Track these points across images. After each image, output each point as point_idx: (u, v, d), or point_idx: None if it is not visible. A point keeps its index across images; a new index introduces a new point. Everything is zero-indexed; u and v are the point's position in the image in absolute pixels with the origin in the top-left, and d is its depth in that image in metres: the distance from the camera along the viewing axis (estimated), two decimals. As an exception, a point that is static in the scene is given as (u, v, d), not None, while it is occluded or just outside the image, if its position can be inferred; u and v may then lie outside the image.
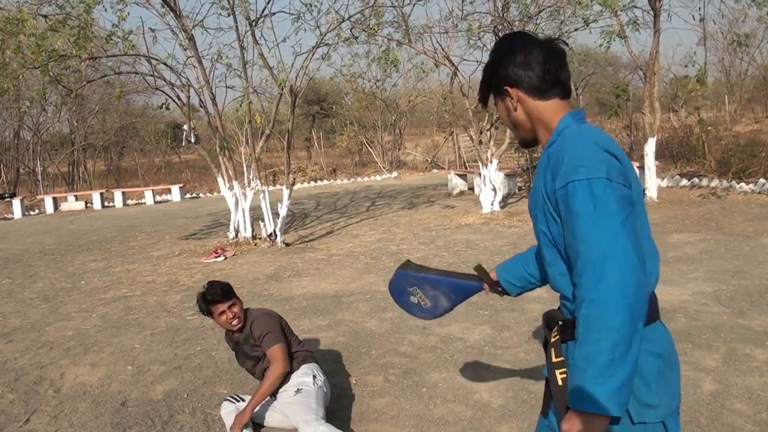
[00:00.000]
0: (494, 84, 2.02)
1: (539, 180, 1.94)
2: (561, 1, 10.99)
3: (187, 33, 10.13)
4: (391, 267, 8.51)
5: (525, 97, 1.97)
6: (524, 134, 2.05)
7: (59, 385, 5.13)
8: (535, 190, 1.96)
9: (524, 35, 2.04)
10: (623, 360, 1.63)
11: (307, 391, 3.85)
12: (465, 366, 4.89)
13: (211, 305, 3.96)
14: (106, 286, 8.74)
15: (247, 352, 4.06)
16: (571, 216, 1.75)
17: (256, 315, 4.11)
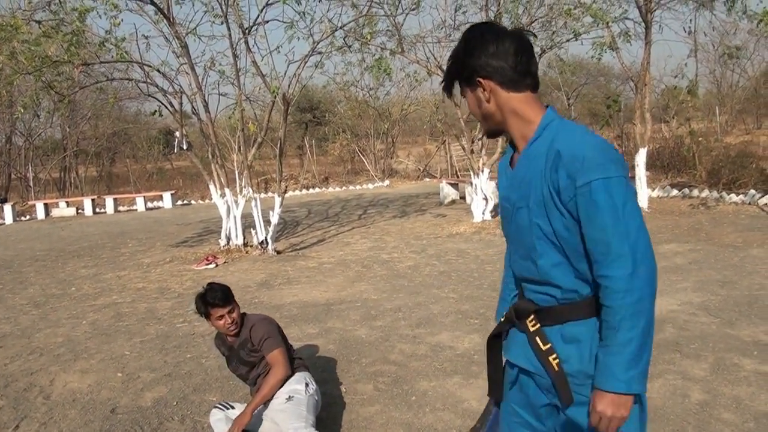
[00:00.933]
0: (464, 75, 2.00)
1: (533, 173, 1.93)
2: (552, 12, 11.05)
3: (180, 40, 10.15)
4: (382, 275, 8.54)
5: (498, 88, 1.96)
6: (492, 125, 2.05)
7: (49, 392, 5.12)
8: (527, 183, 1.95)
9: (493, 25, 2.04)
10: (648, 344, 1.83)
11: (299, 399, 3.86)
12: (454, 374, 4.91)
13: (210, 308, 3.96)
14: (97, 292, 8.72)
15: (243, 358, 4.07)
16: (598, 212, 1.81)
17: (255, 320, 4.13)
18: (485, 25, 2.05)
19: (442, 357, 5.30)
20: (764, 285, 6.86)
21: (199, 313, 4.07)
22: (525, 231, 1.98)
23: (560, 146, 1.87)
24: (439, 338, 5.78)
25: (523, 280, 2.07)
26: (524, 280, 2.06)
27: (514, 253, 2.09)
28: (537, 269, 1.99)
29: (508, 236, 2.12)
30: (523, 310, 2.05)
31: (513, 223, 2.03)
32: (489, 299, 6.97)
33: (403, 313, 6.66)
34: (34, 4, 9.42)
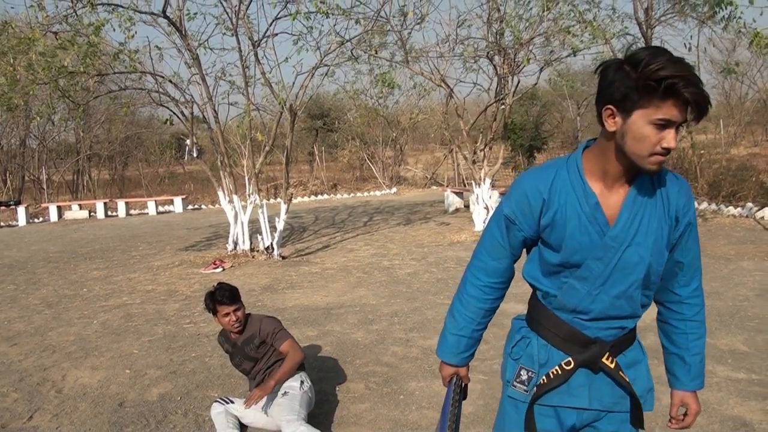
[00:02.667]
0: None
1: (648, 210, 2.00)
2: (551, 29, 11.35)
3: (192, 52, 10.51)
4: (382, 281, 8.85)
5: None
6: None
7: (61, 386, 5.45)
8: (650, 219, 1.99)
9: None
10: None
11: (293, 394, 4.18)
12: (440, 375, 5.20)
13: (218, 305, 4.29)
14: (107, 294, 9.06)
15: (248, 353, 4.38)
16: (694, 237, 2.11)
17: (261, 317, 4.51)
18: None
19: (431, 359, 5.60)
20: (748, 296, 7.11)
21: (207, 309, 4.39)
22: (633, 269, 2.00)
23: (670, 187, 2.00)
24: (430, 342, 6.08)
25: (596, 318, 2.07)
26: (596, 319, 2.07)
27: (599, 293, 2.02)
28: (633, 306, 2.06)
29: (589, 275, 2.03)
30: (599, 350, 2.08)
31: (612, 260, 1.99)
32: (482, 306, 7.27)
33: (399, 318, 6.97)
34: (51, 17, 9.78)
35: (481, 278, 2.22)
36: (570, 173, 1.99)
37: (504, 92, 12.30)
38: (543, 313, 2.14)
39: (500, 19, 11.49)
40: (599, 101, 1.89)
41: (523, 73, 12.17)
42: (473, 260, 2.24)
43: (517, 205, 2.06)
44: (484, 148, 12.74)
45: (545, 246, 2.08)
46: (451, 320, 2.32)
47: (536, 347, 2.16)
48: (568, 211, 1.98)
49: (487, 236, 2.19)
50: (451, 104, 12.98)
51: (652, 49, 1.78)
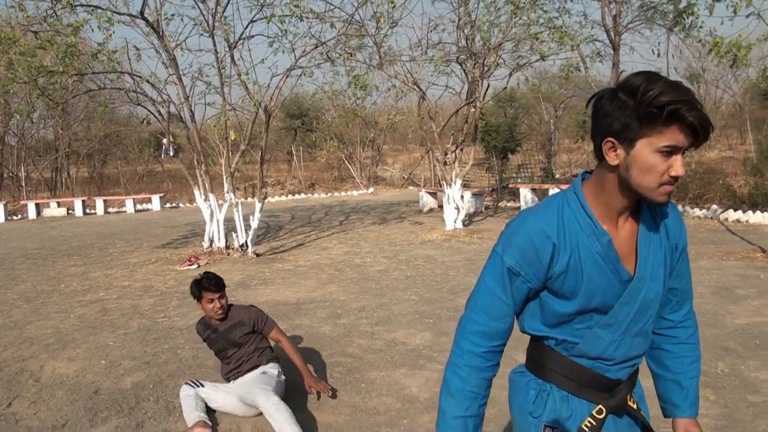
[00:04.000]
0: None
1: (669, 234, 1.96)
2: (518, 35, 11.68)
3: (169, 53, 10.73)
4: (353, 278, 9.14)
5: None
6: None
7: (39, 376, 5.68)
8: (657, 251, 1.92)
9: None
10: None
11: (270, 375, 4.55)
12: (402, 366, 5.51)
13: (204, 291, 4.62)
14: (85, 289, 9.27)
15: (232, 338, 4.71)
16: (687, 261, 2.06)
17: (245, 307, 4.94)
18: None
19: (394, 351, 5.90)
20: (703, 294, 7.46)
21: (193, 295, 4.72)
22: (650, 304, 1.92)
23: (665, 213, 1.95)
24: (394, 335, 6.38)
25: (618, 363, 1.94)
26: (618, 363, 1.94)
27: (623, 338, 1.91)
28: (647, 341, 2.00)
29: (615, 321, 1.90)
30: (626, 391, 1.98)
31: (636, 302, 1.88)
32: (446, 301, 7.59)
33: (366, 313, 7.27)
34: (32, 17, 9.97)
35: (481, 344, 1.93)
36: (575, 211, 1.84)
37: (474, 96, 12.63)
38: (558, 360, 1.95)
39: (471, 24, 11.80)
40: (597, 134, 1.78)
41: (494, 77, 12.48)
42: (467, 324, 1.95)
43: (521, 253, 1.83)
44: (456, 149, 13.06)
45: (553, 296, 1.89)
46: (450, 401, 1.96)
47: (557, 400, 1.95)
48: (582, 253, 1.82)
49: (483, 294, 1.92)
50: (424, 106, 13.26)
51: (646, 75, 1.69)
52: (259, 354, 4.76)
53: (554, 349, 1.95)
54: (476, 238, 11.99)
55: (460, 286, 8.38)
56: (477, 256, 10.37)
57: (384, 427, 4.40)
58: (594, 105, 1.79)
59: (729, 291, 7.66)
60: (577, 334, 1.90)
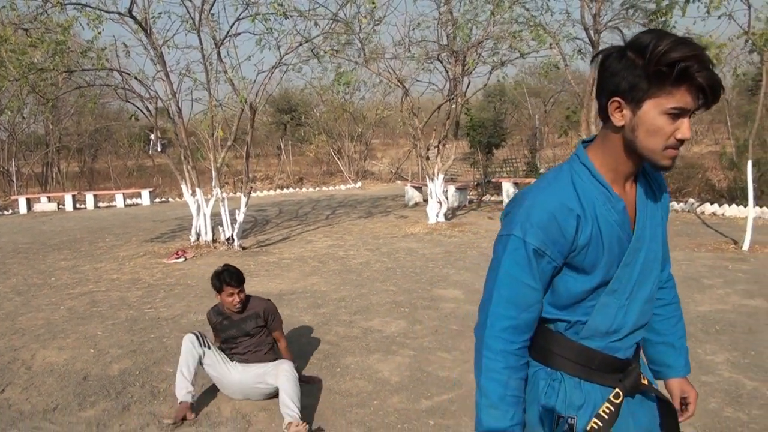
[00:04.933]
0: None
1: (661, 196, 1.95)
2: (496, 33, 11.97)
3: (157, 50, 10.98)
4: (335, 270, 9.42)
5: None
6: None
7: (30, 364, 5.95)
8: (654, 213, 1.90)
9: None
10: None
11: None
12: (376, 352, 5.80)
13: (225, 285, 4.81)
14: (74, 282, 9.52)
15: (245, 328, 4.90)
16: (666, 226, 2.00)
17: (263, 300, 5.16)
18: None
19: (369, 338, 6.20)
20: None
21: (213, 287, 4.90)
22: (652, 266, 1.89)
23: (655, 176, 1.94)
24: (371, 323, 6.68)
25: (628, 334, 1.89)
26: (628, 334, 1.89)
27: (629, 303, 1.86)
28: (652, 309, 1.97)
29: (619, 286, 1.84)
30: (637, 370, 1.95)
31: (637, 263, 1.84)
32: (423, 291, 7.91)
33: (346, 303, 7.56)
34: (22, 15, 10.21)
35: (514, 340, 1.80)
36: (586, 181, 1.78)
37: (456, 92, 12.93)
38: (567, 345, 1.86)
39: (453, 22, 12.08)
40: (602, 94, 1.74)
41: (476, 74, 12.77)
42: (495, 322, 1.80)
43: (544, 231, 1.73)
44: (438, 144, 13.35)
45: (573, 272, 1.81)
46: (492, 413, 1.81)
47: (570, 388, 1.85)
48: (601, 223, 1.75)
49: (507, 284, 1.79)
50: (407, 102, 13.55)
51: (655, 32, 1.63)
52: (266, 350, 4.93)
53: (563, 334, 1.86)
54: (457, 232, 12.29)
55: (437, 277, 8.68)
56: (456, 249, 10.67)
57: (355, 407, 4.69)
58: (601, 63, 1.74)
59: (696, 281, 7.99)
60: (588, 312, 1.83)
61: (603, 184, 1.77)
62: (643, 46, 1.61)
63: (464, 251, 10.44)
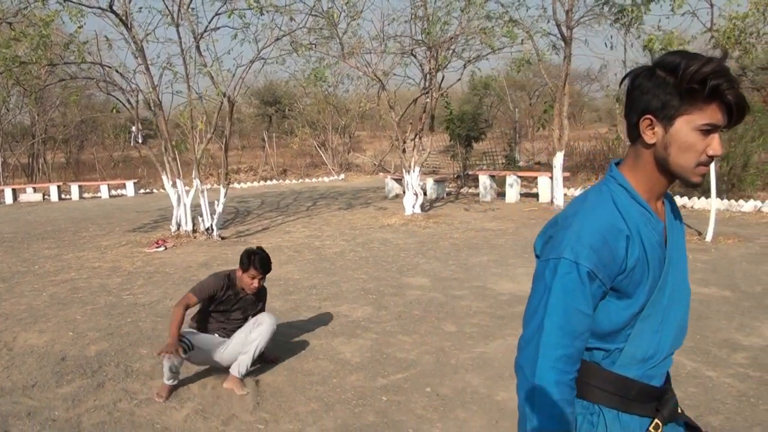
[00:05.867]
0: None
1: (682, 226, 1.97)
2: (467, 30, 12.29)
3: (137, 44, 11.24)
4: (309, 259, 9.75)
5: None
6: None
7: (12, 346, 6.25)
8: (677, 235, 1.90)
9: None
10: None
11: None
12: (341, 335, 6.14)
13: (253, 268, 5.03)
14: (57, 270, 9.80)
15: (245, 308, 5.27)
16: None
17: (265, 288, 5.55)
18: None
19: (335, 323, 6.54)
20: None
21: (241, 262, 5.08)
22: (682, 290, 1.88)
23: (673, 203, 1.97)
24: (339, 309, 7.02)
25: (664, 359, 1.85)
26: (663, 359, 1.86)
27: (663, 326, 1.83)
28: (684, 335, 1.93)
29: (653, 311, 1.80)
30: (674, 401, 1.92)
31: (668, 285, 1.82)
32: (392, 279, 8.26)
33: (317, 290, 7.90)
34: (5, 9, 10.45)
35: (569, 370, 1.71)
36: (626, 200, 1.77)
37: (431, 87, 13.26)
38: (603, 376, 1.80)
39: (427, 18, 12.39)
40: (632, 112, 1.76)
41: (451, 68, 13.08)
42: (548, 352, 1.69)
43: (597, 253, 1.68)
44: (414, 137, 13.67)
45: (615, 297, 1.75)
46: None
47: (608, 422, 1.80)
48: (646, 244, 1.74)
49: (560, 311, 1.69)
50: (384, 96, 13.86)
51: (683, 53, 1.69)
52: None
53: (600, 364, 1.80)
54: (432, 223, 12.63)
55: (408, 266, 9.02)
56: (429, 239, 11.01)
57: (315, 385, 5.03)
58: (631, 82, 1.77)
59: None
60: (625, 339, 1.78)
61: (643, 205, 1.76)
62: (675, 65, 1.65)
63: (437, 242, 10.79)
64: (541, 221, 11.84)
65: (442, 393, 4.79)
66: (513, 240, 10.66)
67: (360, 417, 4.46)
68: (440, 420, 4.37)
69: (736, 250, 9.37)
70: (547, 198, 14.99)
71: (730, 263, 8.56)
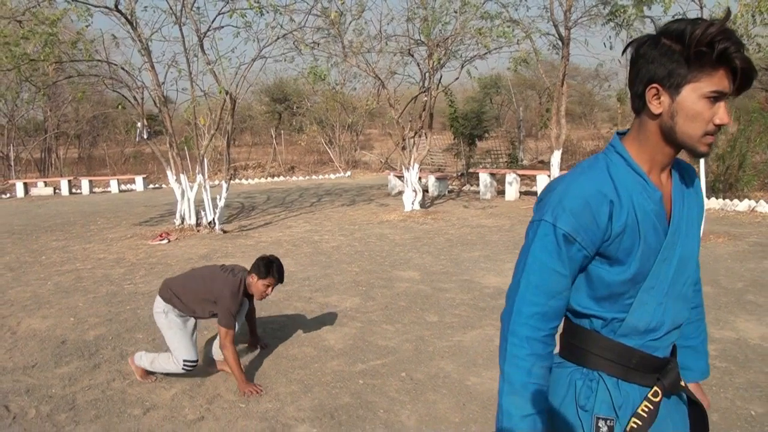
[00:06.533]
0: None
1: (696, 190, 1.93)
2: (459, 32, 12.54)
3: (142, 43, 11.57)
4: (307, 252, 10.04)
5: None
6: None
7: (16, 330, 6.58)
8: (690, 208, 1.86)
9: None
10: None
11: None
12: (327, 324, 6.43)
13: (270, 278, 4.95)
14: (63, 260, 10.14)
15: (243, 315, 5.33)
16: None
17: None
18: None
19: (324, 312, 6.83)
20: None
21: (258, 268, 4.95)
22: (687, 263, 1.85)
23: (688, 170, 1.92)
24: (329, 300, 7.31)
25: (667, 333, 1.85)
26: (667, 333, 1.85)
27: (667, 300, 1.82)
28: (688, 307, 1.92)
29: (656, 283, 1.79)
30: (676, 368, 1.92)
31: (674, 258, 1.80)
32: (383, 272, 8.55)
33: (310, 281, 8.19)
34: (14, 9, 10.80)
35: (541, 327, 1.77)
36: (622, 170, 1.76)
37: (429, 85, 13.53)
38: (605, 344, 1.81)
39: (424, 19, 12.65)
40: (637, 82, 1.72)
41: (450, 67, 13.30)
42: (522, 308, 1.77)
43: (576, 217, 1.70)
44: (414, 135, 13.94)
45: (607, 262, 1.76)
46: (514, 400, 1.77)
47: (609, 388, 1.81)
48: (638, 212, 1.72)
49: (535, 269, 1.76)
50: (384, 94, 14.13)
51: (686, 19, 1.64)
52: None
53: (600, 332, 1.81)
54: (430, 219, 12.91)
55: (400, 260, 9.29)
56: (425, 235, 11.29)
57: (297, 369, 5.32)
58: (636, 51, 1.72)
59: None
60: (625, 309, 1.78)
61: (639, 173, 1.75)
62: (680, 31, 1.61)
63: (432, 237, 11.06)
64: (537, 218, 12.07)
65: (416, 378, 5.07)
66: (507, 236, 10.92)
67: (336, 398, 4.74)
68: (411, 402, 4.64)
69: (724, 248, 9.58)
70: (546, 196, 15.19)
71: (716, 260, 8.77)
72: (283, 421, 4.40)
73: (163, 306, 5.07)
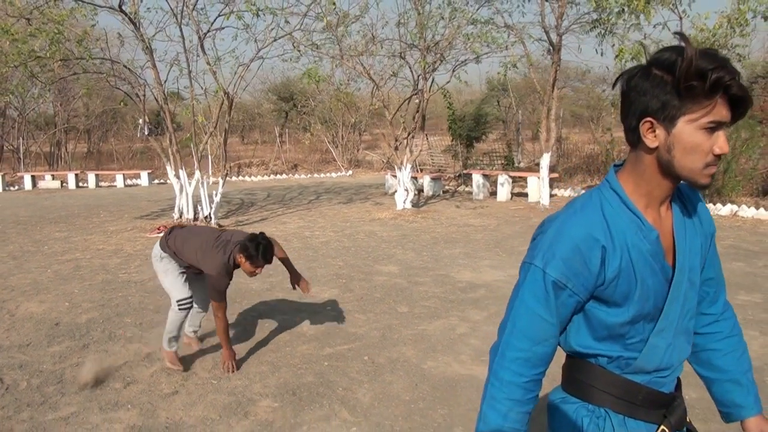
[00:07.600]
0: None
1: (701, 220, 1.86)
2: (448, 37, 12.97)
3: (145, 42, 12.04)
4: (296, 247, 10.48)
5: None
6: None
7: (14, 312, 7.05)
8: (692, 239, 1.79)
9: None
10: None
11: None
12: (303, 312, 6.87)
13: (257, 259, 5.00)
14: (64, 250, 10.61)
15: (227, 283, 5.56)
16: (715, 247, 1.93)
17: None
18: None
19: (302, 302, 7.27)
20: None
21: (247, 252, 4.99)
22: (689, 296, 1.78)
23: (692, 198, 1.85)
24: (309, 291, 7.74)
25: (672, 371, 1.82)
26: (672, 371, 1.82)
27: (674, 340, 1.78)
28: (690, 341, 1.86)
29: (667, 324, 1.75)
30: (683, 407, 1.87)
31: (681, 297, 1.75)
32: (365, 267, 8.99)
33: (294, 274, 8.63)
34: (21, 8, 11.30)
35: (523, 373, 1.74)
36: (616, 208, 1.69)
37: (420, 88, 13.97)
38: (610, 380, 1.77)
39: (417, 23, 13.07)
40: (630, 115, 1.65)
41: (443, 70, 13.71)
42: (506, 352, 1.75)
43: (566, 263, 1.65)
44: (407, 136, 14.37)
45: (603, 305, 1.72)
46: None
47: (615, 426, 1.76)
48: (633, 254, 1.66)
49: (523, 315, 1.72)
50: (378, 96, 14.57)
51: (676, 48, 1.55)
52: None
53: (605, 368, 1.77)
54: (420, 218, 13.33)
55: (384, 256, 9.72)
56: (412, 233, 11.71)
57: (270, 352, 5.77)
58: (626, 84, 1.65)
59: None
60: (631, 348, 1.73)
61: (634, 212, 1.68)
62: (670, 62, 1.54)
63: (419, 235, 11.48)
64: (523, 219, 12.53)
65: (378, 361, 5.50)
66: (490, 235, 11.31)
67: (301, 377, 5.18)
68: (369, 382, 5.08)
69: (696, 250, 9.95)
70: (536, 197, 15.62)
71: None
72: (248, 396, 4.84)
73: (160, 253, 5.37)
